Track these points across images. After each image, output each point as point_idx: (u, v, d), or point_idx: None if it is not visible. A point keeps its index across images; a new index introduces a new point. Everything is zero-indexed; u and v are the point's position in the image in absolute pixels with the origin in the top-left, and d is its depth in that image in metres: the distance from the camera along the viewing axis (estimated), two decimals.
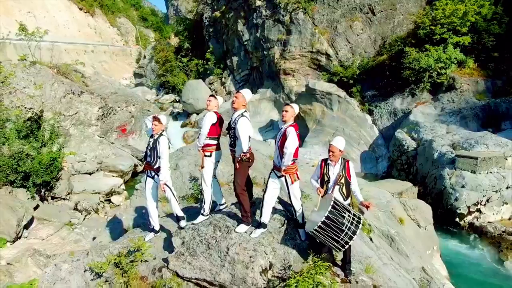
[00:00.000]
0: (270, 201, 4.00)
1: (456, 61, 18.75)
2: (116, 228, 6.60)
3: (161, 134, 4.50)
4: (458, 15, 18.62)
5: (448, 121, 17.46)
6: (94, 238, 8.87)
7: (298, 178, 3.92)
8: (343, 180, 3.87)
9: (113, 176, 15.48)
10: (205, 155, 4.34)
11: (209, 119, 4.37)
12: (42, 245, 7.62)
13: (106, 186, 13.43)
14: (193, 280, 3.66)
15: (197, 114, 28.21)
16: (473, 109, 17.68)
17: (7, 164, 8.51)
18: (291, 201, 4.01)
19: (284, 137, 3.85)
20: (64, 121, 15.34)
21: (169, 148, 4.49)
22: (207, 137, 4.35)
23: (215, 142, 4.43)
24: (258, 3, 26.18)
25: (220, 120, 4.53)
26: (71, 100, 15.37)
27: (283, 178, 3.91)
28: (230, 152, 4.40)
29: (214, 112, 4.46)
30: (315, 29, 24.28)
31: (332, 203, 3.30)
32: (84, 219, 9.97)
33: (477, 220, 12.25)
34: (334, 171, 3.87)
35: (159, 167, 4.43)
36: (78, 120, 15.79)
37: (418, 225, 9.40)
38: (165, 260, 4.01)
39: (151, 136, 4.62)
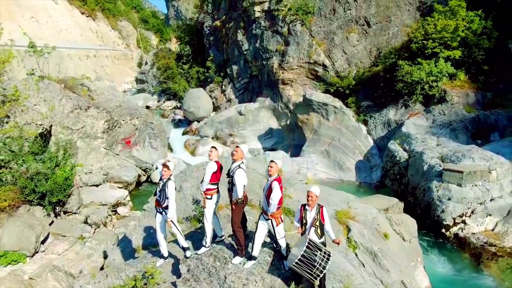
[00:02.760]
0: (259, 239, 4.77)
1: (447, 74, 19.50)
2: (127, 247, 7.37)
3: (169, 179, 5.27)
4: (449, 30, 19.35)
5: (439, 133, 18.21)
6: (104, 252, 9.65)
7: (282, 221, 4.70)
8: (317, 223, 4.62)
9: (118, 187, 16.27)
10: (207, 198, 5.12)
11: (211, 168, 5.13)
12: (59, 260, 8.39)
13: (112, 198, 14.21)
14: None
15: (198, 121, 28.98)
16: (463, 122, 18.43)
17: (26, 185, 9.32)
18: (276, 239, 4.79)
19: (270, 190, 4.62)
20: (72, 135, 16.14)
21: (175, 190, 5.25)
22: (208, 183, 5.12)
23: (215, 187, 5.20)
24: (257, 14, 26.93)
25: (220, 168, 5.28)
26: (79, 115, 16.15)
27: (269, 221, 4.68)
28: (228, 194, 5.17)
29: (215, 161, 5.21)
30: (313, 41, 25.05)
31: (306, 243, 4.09)
32: (94, 232, 10.77)
33: (461, 231, 13.01)
34: (310, 215, 4.63)
35: (167, 206, 5.20)
36: (85, 133, 16.57)
37: (403, 238, 10.17)
38: (174, 284, 4.79)
39: (160, 178, 5.39)
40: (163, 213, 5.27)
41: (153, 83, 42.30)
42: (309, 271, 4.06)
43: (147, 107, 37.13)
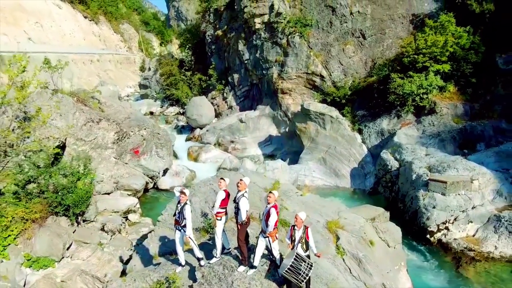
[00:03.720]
0: (259, 252, 5.94)
1: (436, 87, 20.67)
2: (145, 255, 8.53)
3: (186, 203, 6.43)
4: (439, 45, 20.52)
5: (428, 143, 19.38)
6: (120, 257, 10.83)
7: (277, 238, 5.86)
8: (303, 240, 5.78)
9: (127, 194, 17.46)
10: (217, 219, 6.29)
11: (220, 196, 6.30)
12: (85, 265, 9.56)
13: (123, 206, 15.39)
14: None
15: (201, 128, 30.14)
16: (451, 132, 19.61)
17: (53, 198, 10.50)
18: (272, 253, 5.97)
19: (268, 215, 5.79)
20: (85, 146, 17.35)
21: (191, 211, 6.41)
22: (218, 208, 6.28)
23: (223, 210, 6.36)
24: (258, 26, 28.07)
25: (227, 195, 6.43)
26: (91, 127, 17.35)
27: (267, 238, 5.84)
28: (234, 216, 6.31)
29: (224, 190, 6.37)
30: (310, 52, 26.23)
31: (294, 256, 5.27)
32: (110, 238, 11.93)
33: (444, 236, 14.18)
34: (298, 234, 5.79)
35: (185, 225, 6.36)
36: (96, 144, 17.75)
37: (387, 245, 11.34)
38: (191, 287, 5.95)
39: (179, 202, 6.55)
40: (182, 230, 6.43)
41: (156, 89, 43.45)
42: (296, 278, 5.24)
43: (151, 113, 38.37)
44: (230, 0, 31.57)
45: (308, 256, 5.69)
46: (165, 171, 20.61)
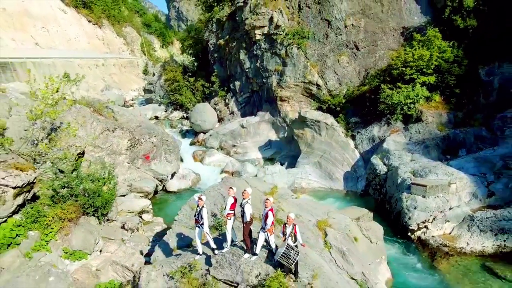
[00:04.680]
0: (260, 243, 7.70)
1: (423, 97, 22.43)
2: (166, 248, 10.28)
3: (203, 206, 8.18)
4: (425, 59, 22.29)
5: (414, 150, 21.17)
6: (141, 251, 12.62)
7: (273, 233, 7.62)
8: (292, 235, 7.53)
9: (140, 196, 19.25)
10: (228, 219, 8.06)
11: (230, 201, 8.06)
12: (113, 257, 11.28)
13: (138, 207, 17.17)
14: (222, 281, 7.33)
15: (204, 133, 31.93)
16: (435, 139, 21.38)
17: (85, 201, 12.27)
18: (270, 244, 7.74)
19: (266, 216, 7.55)
20: (101, 152, 19.15)
21: (207, 213, 8.15)
22: (228, 210, 8.05)
23: (232, 212, 8.10)
24: (258, 37, 29.85)
25: (235, 201, 8.19)
26: (107, 136, 19.13)
27: (266, 233, 7.60)
28: (240, 217, 8.05)
29: (233, 197, 8.14)
30: (307, 62, 28.01)
31: (286, 246, 7.03)
32: (130, 236, 13.67)
33: (424, 234, 15.96)
34: (288, 230, 7.54)
35: (202, 223, 8.11)
36: (112, 150, 19.54)
37: (370, 241, 13.15)
38: (207, 270, 7.68)
39: (198, 206, 8.30)
40: (200, 227, 8.19)
41: (160, 93, 45.25)
42: (287, 262, 6.99)
43: (156, 117, 40.14)
44: (232, 11, 33.31)
45: (296, 246, 7.42)
46: (173, 175, 22.40)
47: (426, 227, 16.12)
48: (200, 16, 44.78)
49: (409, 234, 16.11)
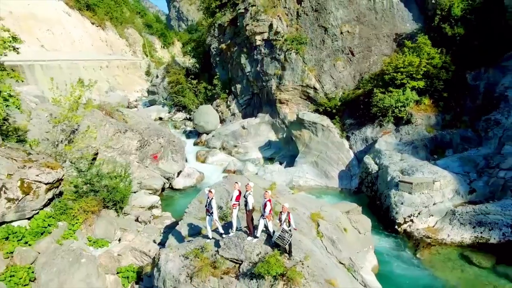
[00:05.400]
0: (260, 228, 9.23)
1: (413, 100, 23.97)
2: (179, 236, 11.80)
3: (212, 198, 9.70)
4: (414, 65, 23.81)
5: (403, 150, 22.70)
6: (154, 240, 14.17)
7: (271, 219, 9.15)
8: (287, 221, 9.03)
9: (149, 193, 20.79)
10: (233, 208, 9.61)
11: (235, 193, 9.59)
12: (132, 244, 12.83)
13: (148, 202, 18.70)
14: (229, 259, 8.88)
15: (207, 134, 33.47)
16: (423, 140, 22.92)
17: (106, 196, 13.83)
18: (268, 228, 9.27)
19: (265, 205, 9.08)
20: (113, 152, 20.69)
21: (215, 204, 9.68)
22: (234, 201, 9.58)
23: (237, 203, 9.62)
24: (258, 42, 31.37)
25: (240, 193, 9.72)
26: (119, 137, 20.67)
27: (265, 219, 9.13)
28: (244, 207, 9.58)
29: (238, 190, 9.67)
30: (305, 67, 29.54)
31: (281, 230, 8.55)
32: (144, 227, 15.20)
33: (409, 227, 17.49)
34: (283, 216, 9.04)
35: (212, 212, 9.64)
36: (123, 151, 21.08)
37: (359, 232, 14.69)
38: (217, 251, 9.21)
39: (208, 197, 9.81)
40: (211, 216, 9.75)
41: (164, 95, 46.78)
42: (282, 243, 8.52)
43: (160, 118, 41.70)
44: (233, 17, 34.82)
45: (290, 230, 8.93)
46: (178, 173, 23.95)
47: (411, 220, 17.66)
48: (202, 21, 46.33)
49: (396, 227, 17.65)
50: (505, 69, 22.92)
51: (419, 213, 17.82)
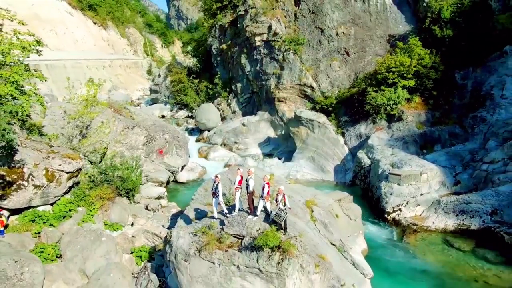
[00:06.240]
0: (259, 208, 10.60)
1: (404, 99, 25.34)
2: (187, 219, 13.12)
3: (218, 183, 11.04)
4: (405, 65, 25.15)
5: (394, 145, 24.08)
6: (162, 225, 15.55)
7: (269, 200, 10.52)
8: (283, 201, 10.38)
9: (156, 185, 22.14)
10: (236, 191, 10.96)
11: (238, 178, 10.95)
12: (144, 228, 14.20)
13: (155, 193, 20.05)
14: (233, 235, 10.25)
15: (208, 131, 34.82)
16: (413, 136, 24.31)
17: (119, 184, 15.18)
18: (266, 208, 10.65)
19: (263, 187, 10.44)
20: (122, 147, 22.04)
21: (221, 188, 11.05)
22: (237, 184, 10.95)
23: (240, 186, 10.99)
24: (258, 43, 32.70)
25: (242, 177, 11.08)
26: (127, 133, 22.01)
27: (263, 200, 10.49)
28: (246, 189, 10.94)
29: (240, 175, 11.02)
30: (303, 67, 30.88)
31: (278, 209, 9.92)
32: (153, 214, 16.57)
33: (398, 216, 18.87)
34: (279, 197, 10.38)
35: (218, 195, 11.00)
36: (131, 146, 22.42)
37: (350, 218, 16.06)
38: (222, 228, 10.58)
39: (214, 182, 11.16)
40: (217, 198, 11.11)
41: (166, 93, 48.10)
42: (278, 220, 9.88)
43: (163, 116, 42.99)
44: (234, 19, 36.14)
45: (285, 209, 10.30)
46: (182, 167, 25.31)
47: (400, 210, 19.05)
48: (203, 21, 47.60)
49: (386, 215, 19.03)
50: (491, 68, 24.30)
51: (407, 203, 19.19)
